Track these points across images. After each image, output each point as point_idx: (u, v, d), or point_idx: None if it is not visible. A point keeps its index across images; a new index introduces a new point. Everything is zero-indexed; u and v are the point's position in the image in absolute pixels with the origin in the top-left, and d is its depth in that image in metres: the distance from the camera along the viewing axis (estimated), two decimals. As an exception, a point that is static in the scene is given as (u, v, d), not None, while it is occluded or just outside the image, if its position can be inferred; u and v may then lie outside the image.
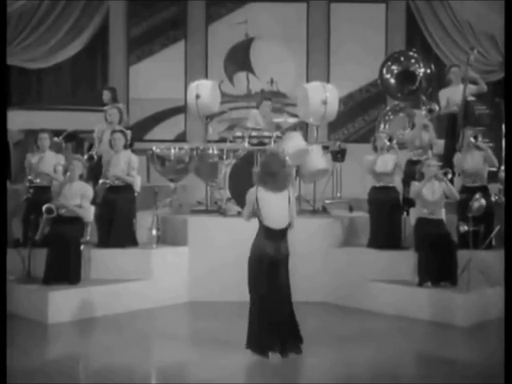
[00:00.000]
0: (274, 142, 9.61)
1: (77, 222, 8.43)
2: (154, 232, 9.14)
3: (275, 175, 6.41)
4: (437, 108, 10.18)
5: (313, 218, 9.51)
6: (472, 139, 9.24)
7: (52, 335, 7.61)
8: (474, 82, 10.30)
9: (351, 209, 10.30)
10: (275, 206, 6.42)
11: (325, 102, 9.81)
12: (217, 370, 6.36)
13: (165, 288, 8.80)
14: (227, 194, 9.45)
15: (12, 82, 12.46)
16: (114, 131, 9.39)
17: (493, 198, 9.19)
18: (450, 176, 8.54)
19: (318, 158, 9.74)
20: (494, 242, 8.98)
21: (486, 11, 11.89)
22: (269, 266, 6.41)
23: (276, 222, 6.44)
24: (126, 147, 9.33)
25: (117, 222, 8.97)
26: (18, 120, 10.90)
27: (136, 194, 9.25)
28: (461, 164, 9.23)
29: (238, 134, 10.08)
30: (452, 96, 10.26)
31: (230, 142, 10.11)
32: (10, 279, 8.08)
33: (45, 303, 7.91)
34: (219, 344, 7.00)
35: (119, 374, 6.27)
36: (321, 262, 9.04)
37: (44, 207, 8.24)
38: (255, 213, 6.46)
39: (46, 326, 7.78)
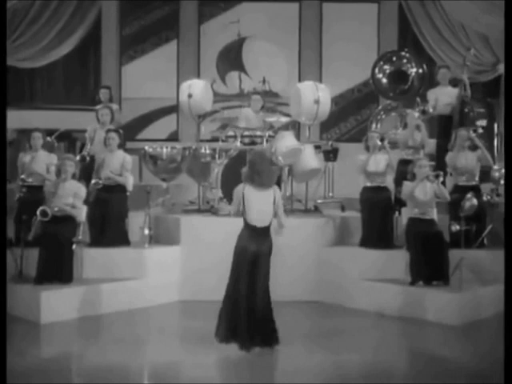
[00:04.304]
0: (267, 141, 9.66)
1: (69, 221, 8.40)
2: (147, 231, 9.13)
3: (261, 173, 6.59)
4: (431, 110, 10.20)
5: (305, 218, 9.53)
6: (472, 133, 9.31)
7: (45, 335, 7.61)
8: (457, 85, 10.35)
9: (343, 208, 10.33)
10: (259, 205, 6.59)
11: (317, 102, 9.82)
12: (208, 369, 6.38)
13: (157, 287, 8.81)
14: (219, 193, 9.45)
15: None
16: (109, 130, 9.37)
17: (485, 198, 9.22)
18: (441, 179, 8.54)
19: (310, 158, 9.73)
20: (485, 242, 9.02)
21: (479, 12, 11.91)
22: (250, 261, 6.61)
23: (259, 219, 6.62)
24: (119, 147, 9.34)
25: (109, 221, 8.98)
26: (11, 119, 10.82)
27: (128, 193, 9.25)
28: (453, 163, 9.25)
29: (231, 133, 10.10)
30: (440, 97, 10.26)
31: (223, 141, 10.12)
32: (3, 279, 8.07)
33: (37, 303, 7.90)
34: (211, 343, 6.98)
35: (112, 373, 6.26)
36: (313, 262, 9.06)
37: (39, 210, 8.18)
38: (241, 210, 6.65)
39: (38, 326, 7.77)
